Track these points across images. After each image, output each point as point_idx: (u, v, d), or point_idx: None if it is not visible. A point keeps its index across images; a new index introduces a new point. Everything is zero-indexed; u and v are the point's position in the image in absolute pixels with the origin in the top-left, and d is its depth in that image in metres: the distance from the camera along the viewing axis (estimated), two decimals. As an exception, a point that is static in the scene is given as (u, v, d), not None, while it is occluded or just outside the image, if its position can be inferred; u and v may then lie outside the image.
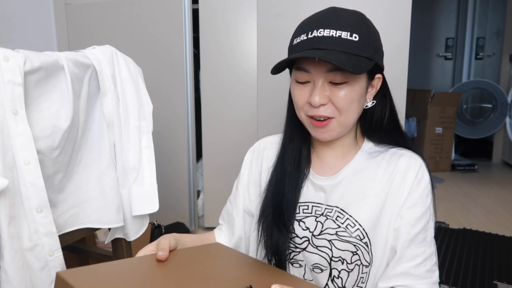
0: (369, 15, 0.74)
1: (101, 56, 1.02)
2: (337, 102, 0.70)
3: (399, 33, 1.77)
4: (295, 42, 0.72)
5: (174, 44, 2.05)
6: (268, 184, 0.82)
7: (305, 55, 0.67)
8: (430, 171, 0.76)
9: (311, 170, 0.81)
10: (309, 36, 0.69)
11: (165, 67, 2.07)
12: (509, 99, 3.77)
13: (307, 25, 0.72)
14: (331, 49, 0.67)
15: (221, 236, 0.92)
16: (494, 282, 1.71)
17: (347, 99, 0.70)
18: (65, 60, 0.92)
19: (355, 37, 0.68)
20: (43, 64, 0.88)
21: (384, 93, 0.79)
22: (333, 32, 0.68)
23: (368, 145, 0.80)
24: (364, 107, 0.76)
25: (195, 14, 2.05)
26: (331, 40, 0.67)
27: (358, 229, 0.74)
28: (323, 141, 0.76)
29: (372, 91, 0.77)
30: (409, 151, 0.78)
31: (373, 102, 0.77)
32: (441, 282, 1.65)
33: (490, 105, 3.94)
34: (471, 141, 4.13)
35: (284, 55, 0.79)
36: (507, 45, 3.87)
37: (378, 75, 0.76)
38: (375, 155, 0.78)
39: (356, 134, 0.81)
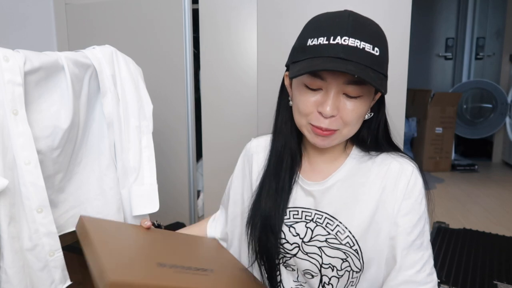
0: (369, 15, 0.73)
1: (101, 56, 1.02)
2: (346, 115, 0.68)
3: (399, 33, 1.77)
4: (311, 43, 0.67)
5: (174, 44, 2.05)
6: (258, 188, 0.81)
7: (340, 69, 0.61)
8: (423, 174, 0.75)
9: (300, 175, 0.80)
10: (331, 42, 0.64)
11: (165, 67, 2.07)
12: (509, 99, 3.76)
13: (327, 28, 0.66)
14: (356, 62, 0.63)
15: (214, 222, 0.98)
16: (494, 282, 1.71)
17: (357, 113, 0.69)
18: (65, 60, 0.92)
19: (376, 51, 0.65)
20: (43, 64, 0.87)
21: (379, 105, 0.78)
22: (357, 42, 0.64)
23: (356, 151, 0.79)
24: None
25: (195, 14, 2.05)
26: (357, 51, 0.63)
27: (347, 236, 0.73)
28: (320, 147, 0.74)
29: (372, 103, 0.75)
30: (400, 155, 0.77)
31: (371, 114, 0.76)
32: (441, 282, 1.65)
33: (490, 105, 3.94)
34: (471, 141, 4.13)
35: (284, 56, 0.79)
36: (507, 45, 3.87)
37: None
38: (365, 160, 0.77)
39: (346, 142, 0.80)
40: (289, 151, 0.80)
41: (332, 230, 0.74)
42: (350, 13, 0.68)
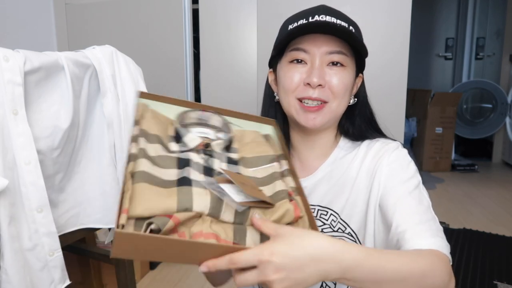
0: (369, 15, 0.74)
1: (101, 56, 1.02)
2: (333, 85, 0.70)
3: (399, 33, 1.77)
4: (291, 27, 0.71)
5: (174, 44, 2.05)
6: None
7: (323, 23, 0.67)
8: (413, 156, 0.74)
9: None
10: (310, 20, 0.69)
11: (165, 67, 2.07)
12: (509, 99, 3.77)
13: (303, 14, 0.72)
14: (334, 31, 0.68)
15: None
16: (494, 282, 1.71)
17: (343, 83, 0.71)
18: (65, 60, 0.92)
19: (352, 30, 0.70)
20: (43, 64, 0.87)
21: (359, 93, 0.79)
22: (334, 19, 0.69)
23: (344, 141, 0.80)
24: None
25: (195, 14, 2.05)
26: (334, 25, 0.68)
27: (339, 222, 0.74)
28: (313, 128, 0.73)
29: (354, 89, 0.77)
30: (385, 137, 0.77)
31: (354, 100, 0.78)
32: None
33: (490, 105, 3.94)
34: (471, 141, 4.13)
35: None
36: (507, 45, 3.87)
37: (360, 74, 0.79)
38: (352, 149, 0.78)
39: (336, 133, 0.81)
40: None
41: (327, 220, 0.75)
42: (322, 4, 0.73)
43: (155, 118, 0.67)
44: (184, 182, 0.55)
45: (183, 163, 0.59)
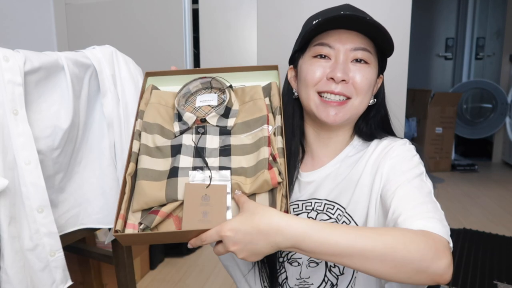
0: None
1: (101, 56, 1.02)
2: (357, 81, 0.70)
3: (399, 33, 1.77)
4: (316, 22, 0.70)
5: (174, 44, 2.05)
6: None
7: (352, 16, 0.66)
8: (421, 152, 0.74)
9: (300, 171, 0.81)
10: (335, 15, 0.68)
11: (165, 67, 2.07)
12: (509, 99, 3.77)
13: (327, 10, 0.72)
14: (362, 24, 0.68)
15: None
16: (494, 282, 1.71)
17: (367, 79, 0.71)
18: (65, 60, 0.92)
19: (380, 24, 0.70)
20: (43, 64, 0.87)
21: (379, 95, 0.80)
22: (360, 15, 0.68)
23: (357, 141, 0.80)
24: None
25: (195, 14, 2.05)
26: (361, 19, 0.67)
27: (344, 216, 0.74)
28: (332, 124, 0.73)
29: (374, 90, 0.77)
30: (396, 136, 0.78)
31: (374, 101, 0.78)
32: (441, 282, 1.65)
33: (490, 105, 3.95)
34: (471, 141, 4.13)
35: (284, 55, 0.79)
36: (507, 45, 3.87)
37: (381, 75, 0.78)
38: (362, 148, 0.78)
39: (351, 133, 0.81)
40: (290, 146, 0.80)
41: (333, 214, 0.75)
42: (349, 4, 0.74)
43: (160, 101, 0.74)
44: (172, 173, 0.64)
45: (175, 151, 0.67)
